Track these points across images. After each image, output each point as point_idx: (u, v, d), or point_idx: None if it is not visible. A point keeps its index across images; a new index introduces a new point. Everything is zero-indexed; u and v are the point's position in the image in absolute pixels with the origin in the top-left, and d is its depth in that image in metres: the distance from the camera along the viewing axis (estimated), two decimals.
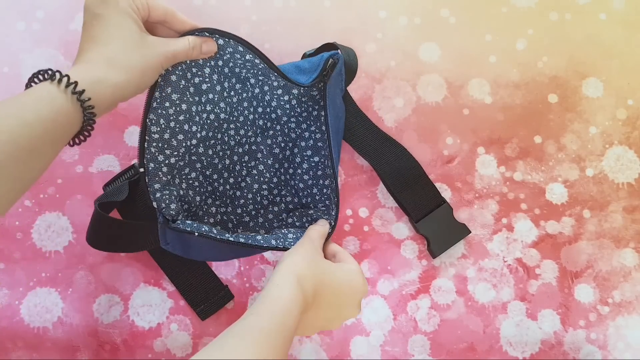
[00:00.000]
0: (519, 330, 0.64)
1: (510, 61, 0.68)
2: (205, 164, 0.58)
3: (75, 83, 0.42)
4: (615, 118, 0.67)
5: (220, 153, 0.59)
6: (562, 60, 0.68)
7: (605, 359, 0.63)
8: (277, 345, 0.41)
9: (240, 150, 0.61)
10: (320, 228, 0.55)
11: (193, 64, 0.53)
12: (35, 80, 0.43)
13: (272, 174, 0.62)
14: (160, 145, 0.52)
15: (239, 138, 0.60)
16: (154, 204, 0.51)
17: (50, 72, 0.42)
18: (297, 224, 0.60)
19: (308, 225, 0.56)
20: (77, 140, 0.45)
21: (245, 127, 0.60)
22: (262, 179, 0.62)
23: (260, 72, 0.57)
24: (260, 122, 0.61)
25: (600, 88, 0.68)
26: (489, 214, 0.65)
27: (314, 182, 0.61)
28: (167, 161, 0.53)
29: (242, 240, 0.52)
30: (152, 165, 0.52)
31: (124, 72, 0.45)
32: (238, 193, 0.61)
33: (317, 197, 0.61)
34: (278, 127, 0.61)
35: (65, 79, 0.41)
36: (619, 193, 0.66)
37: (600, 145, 0.67)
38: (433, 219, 0.64)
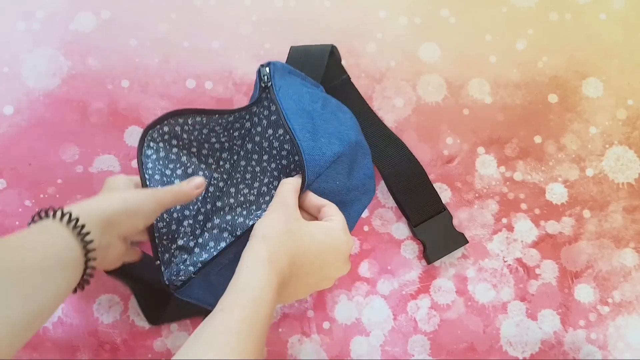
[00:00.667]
0: (519, 330, 0.64)
1: (510, 61, 0.68)
2: (230, 227, 0.59)
3: (61, 209, 0.45)
4: (615, 118, 0.67)
5: (244, 212, 0.60)
6: (562, 60, 0.68)
7: (605, 359, 0.63)
8: (249, 342, 0.39)
9: (267, 198, 0.60)
10: (292, 181, 0.51)
11: (166, 162, 0.56)
12: (39, 216, 0.46)
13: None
14: (169, 236, 0.55)
15: (256, 191, 0.61)
16: (168, 286, 0.52)
17: (45, 211, 0.45)
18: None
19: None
20: (85, 281, 0.47)
21: (258, 179, 0.61)
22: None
23: (219, 129, 0.58)
24: (273, 165, 0.61)
25: (600, 88, 0.68)
26: (489, 214, 0.65)
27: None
28: (177, 245, 0.56)
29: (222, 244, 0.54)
30: (166, 255, 0.54)
31: (108, 200, 0.48)
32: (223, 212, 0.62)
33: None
34: (297, 158, 0.60)
35: (58, 213, 0.44)
36: (619, 193, 0.66)
37: (600, 145, 0.67)
38: (432, 225, 0.64)
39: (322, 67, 0.63)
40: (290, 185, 0.50)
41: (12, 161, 0.64)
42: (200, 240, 0.58)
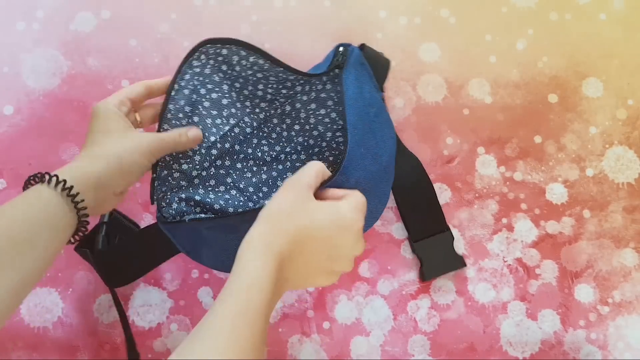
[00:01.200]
0: (519, 330, 0.64)
1: (510, 61, 0.68)
2: (236, 177, 0.57)
3: (56, 176, 0.46)
4: (615, 118, 0.67)
5: (254, 168, 0.58)
6: (562, 60, 0.68)
7: (605, 359, 0.63)
8: (244, 328, 0.38)
9: (281, 167, 0.59)
10: (319, 165, 0.48)
11: (207, 81, 0.54)
12: (32, 182, 0.47)
13: None
14: (175, 154, 0.54)
15: (274, 154, 0.59)
16: (155, 202, 0.53)
17: (37, 175, 0.46)
18: None
19: None
20: (78, 234, 0.49)
21: (281, 144, 0.59)
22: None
23: (273, 80, 0.56)
24: (300, 139, 0.59)
25: (600, 88, 0.68)
26: (489, 214, 0.66)
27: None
28: (180, 167, 0.54)
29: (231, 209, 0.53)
30: (165, 172, 0.53)
31: (103, 160, 0.48)
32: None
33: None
34: (324, 144, 0.59)
35: (53, 178, 0.45)
36: (619, 193, 0.66)
37: (600, 145, 0.67)
38: (432, 243, 0.63)
39: (384, 77, 0.61)
40: (315, 167, 0.47)
41: (12, 161, 0.64)
42: (204, 173, 0.56)
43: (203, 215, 0.54)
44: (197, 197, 0.54)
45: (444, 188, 0.66)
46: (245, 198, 0.57)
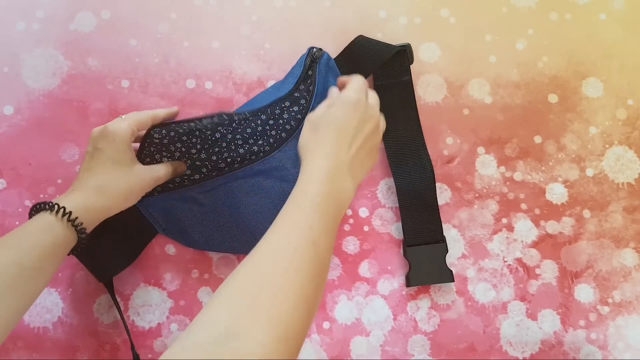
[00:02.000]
0: (519, 330, 0.64)
1: (510, 61, 0.68)
2: (210, 168, 0.62)
3: (70, 213, 0.50)
4: (615, 118, 0.67)
5: (229, 159, 0.63)
6: (562, 60, 0.68)
7: (605, 359, 0.63)
8: (295, 213, 0.45)
9: (253, 157, 0.63)
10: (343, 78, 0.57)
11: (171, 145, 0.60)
12: (38, 208, 0.51)
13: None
14: (158, 147, 0.59)
15: (247, 147, 0.62)
16: None
17: (49, 204, 0.50)
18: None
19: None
20: (74, 251, 0.53)
21: (255, 137, 0.62)
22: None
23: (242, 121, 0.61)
24: (273, 132, 0.62)
25: (600, 88, 0.68)
26: (489, 214, 0.65)
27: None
28: (162, 160, 0.61)
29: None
30: (147, 160, 0.59)
31: (111, 198, 0.53)
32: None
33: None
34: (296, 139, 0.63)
35: (61, 210, 0.49)
36: (619, 193, 0.66)
37: (600, 145, 0.67)
38: (425, 251, 0.63)
39: (376, 65, 0.64)
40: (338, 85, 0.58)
41: (12, 161, 0.64)
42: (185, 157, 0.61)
43: (171, 186, 0.62)
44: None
45: (444, 188, 0.66)
46: (212, 169, 0.63)
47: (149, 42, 0.67)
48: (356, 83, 0.54)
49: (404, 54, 0.65)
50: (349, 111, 0.51)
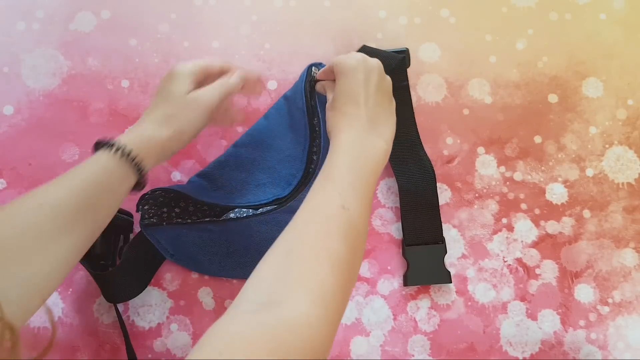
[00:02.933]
0: (519, 330, 0.64)
1: (510, 61, 0.68)
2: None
3: (124, 148, 0.49)
4: (615, 118, 0.67)
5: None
6: (562, 60, 0.68)
7: (605, 359, 0.63)
8: (329, 179, 0.46)
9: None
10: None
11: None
12: (98, 145, 0.50)
13: None
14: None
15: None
16: (140, 212, 0.59)
17: (108, 142, 0.50)
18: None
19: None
20: (138, 189, 0.53)
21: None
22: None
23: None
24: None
25: (600, 88, 0.68)
26: (489, 214, 0.65)
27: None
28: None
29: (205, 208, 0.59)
30: (157, 191, 0.59)
31: (172, 128, 0.52)
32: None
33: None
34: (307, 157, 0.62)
35: (121, 149, 0.49)
36: (619, 193, 0.66)
37: (600, 145, 0.67)
38: (424, 251, 0.63)
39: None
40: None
41: (12, 161, 0.64)
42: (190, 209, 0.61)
43: (180, 220, 0.60)
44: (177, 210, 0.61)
45: (444, 188, 0.66)
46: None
47: (149, 42, 0.67)
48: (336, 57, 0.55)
49: (404, 60, 0.65)
50: (348, 76, 0.52)
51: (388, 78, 0.55)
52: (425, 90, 0.67)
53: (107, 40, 0.67)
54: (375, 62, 0.53)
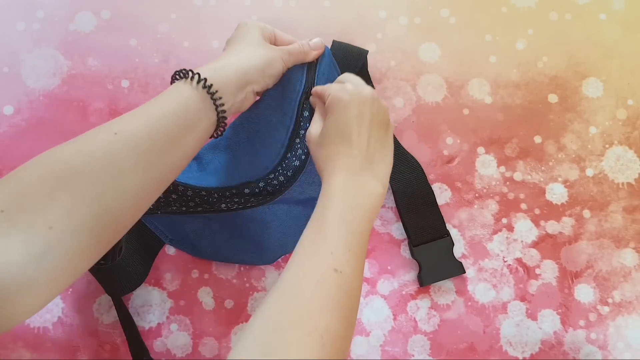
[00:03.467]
0: (519, 330, 0.64)
1: (510, 61, 0.68)
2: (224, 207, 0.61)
3: (205, 80, 0.46)
4: (615, 118, 0.67)
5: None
6: (562, 60, 0.68)
7: (605, 359, 0.63)
8: (315, 230, 0.44)
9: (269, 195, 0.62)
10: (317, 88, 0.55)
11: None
12: (176, 77, 0.48)
13: None
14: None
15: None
16: None
17: (185, 71, 0.47)
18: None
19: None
20: (219, 132, 0.50)
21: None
22: None
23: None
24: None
25: (600, 88, 0.68)
26: (489, 214, 0.65)
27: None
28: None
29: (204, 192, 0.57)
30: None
31: (247, 60, 0.51)
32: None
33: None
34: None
35: (196, 76, 0.46)
36: (619, 193, 0.66)
37: (600, 145, 0.67)
38: (431, 248, 0.63)
39: (356, 68, 0.63)
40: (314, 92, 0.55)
41: (12, 161, 0.64)
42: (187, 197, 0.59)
43: (175, 208, 0.59)
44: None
45: (444, 188, 0.66)
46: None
47: (149, 42, 0.67)
48: (331, 85, 0.52)
49: (365, 60, 0.65)
50: (340, 111, 0.48)
51: (384, 106, 0.50)
52: (425, 90, 0.67)
53: (107, 40, 0.67)
54: (369, 92, 0.49)
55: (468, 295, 0.64)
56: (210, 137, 0.50)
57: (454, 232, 0.65)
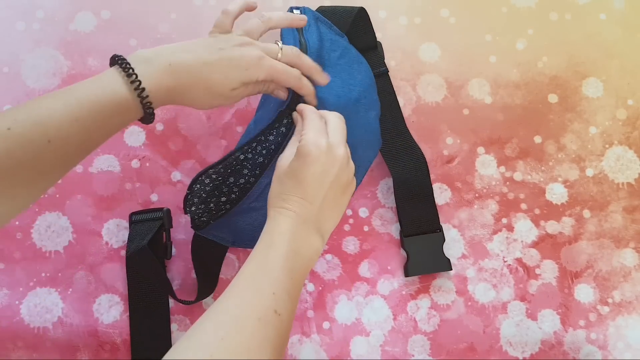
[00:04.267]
0: (519, 330, 0.64)
1: (510, 61, 0.68)
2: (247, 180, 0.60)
3: (140, 83, 0.46)
4: (615, 118, 0.67)
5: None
6: (562, 60, 0.68)
7: (605, 359, 0.63)
8: (263, 282, 0.44)
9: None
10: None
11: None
12: (115, 60, 0.48)
13: None
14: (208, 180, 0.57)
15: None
16: (189, 215, 0.57)
17: (124, 62, 0.47)
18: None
19: None
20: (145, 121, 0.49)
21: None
22: None
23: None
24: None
25: (600, 88, 0.68)
26: (489, 214, 0.65)
27: None
28: (210, 184, 0.57)
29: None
30: (197, 186, 0.56)
31: (191, 99, 0.50)
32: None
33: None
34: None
35: (140, 91, 0.46)
36: (619, 193, 0.66)
37: (600, 145, 0.67)
38: (422, 241, 0.63)
39: (346, 26, 0.63)
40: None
41: None
42: (232, 196, 0.59)
43: (223, 212, 0.59)
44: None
45: (444, 188, 0.66)
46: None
47: (149, 42, 0.67)
48: (311, 123, 0.50)
49: (362, 18, 0.65)
50: (307, 163, 0.48)
51: (351, 167, 0.51)
52: (425, 90, 0.67)
53: (107, 40, 0.67)
54: (340, 155, 0.49)
55: (468, 295, 0.64)
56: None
57: (453, 232, 0.65)
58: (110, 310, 0.63)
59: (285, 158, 0.50)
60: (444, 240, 0.64)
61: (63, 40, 0.67)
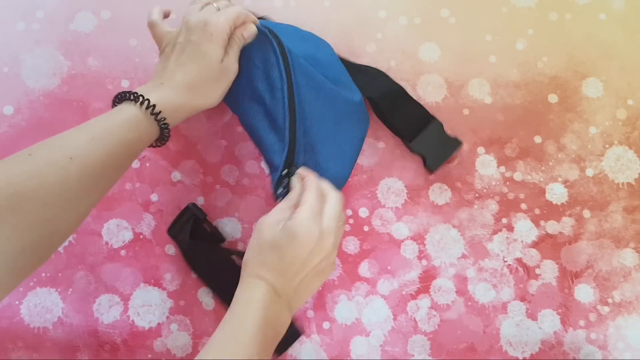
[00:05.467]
0: (519, 330, 0.64)
1: (510, 61, 0.68)
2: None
3: (154, 106, 0.48)
4: (615, 118, 0.67)
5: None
6: (562, 60, 0.68)
7: (605, 359, 0.63)
8: (236, 349, 0.44)
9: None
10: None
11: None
12: (122, 97, 0.49)
13: None
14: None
15: None
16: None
17: (135, 95, 0.48)
18: None
19: None
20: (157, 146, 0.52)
21: None
22: None
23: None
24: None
25: (600, 88, 0.68)
26: (489, 214, 0.66)
27: None
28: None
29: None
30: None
31: (201, 98, 0.51)
32: None
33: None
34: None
35: (146, 103, 0.48)
36: (619, 193, 0.66)
37: (600, 145, 0.67)
38: (425, 136, 0.64)
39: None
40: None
41: None
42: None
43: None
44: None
45: (444, 188, 0.66)
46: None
47: (149, 42, 0.67)
48: (309, 202, 0.49)
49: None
50: (293, 243, 0.47)
51: (333, 256, 0.50)
52: (425, 90, 0.67)
53: (107, 40, 0.67)
54: (328, 246, 0.48)
55: (468, 295, 0.64)
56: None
57: (453, 232, 0.65)
58: (110, 310, 0.63)
59: (269, 225, 0.48)
60: (441, 124, 0.64)
61: (63, 40, 0.67)
